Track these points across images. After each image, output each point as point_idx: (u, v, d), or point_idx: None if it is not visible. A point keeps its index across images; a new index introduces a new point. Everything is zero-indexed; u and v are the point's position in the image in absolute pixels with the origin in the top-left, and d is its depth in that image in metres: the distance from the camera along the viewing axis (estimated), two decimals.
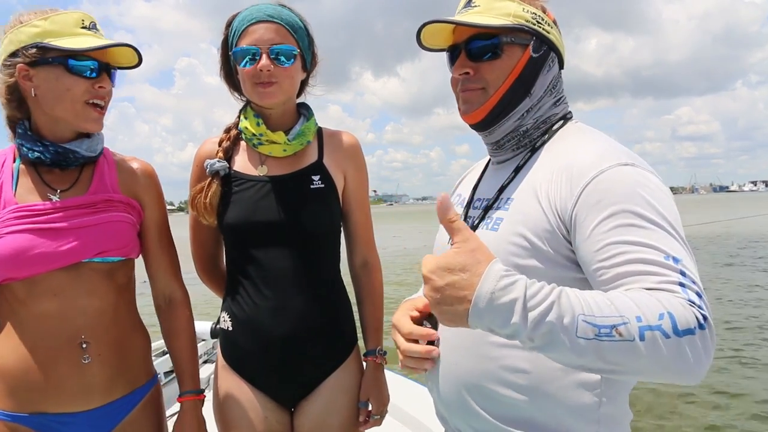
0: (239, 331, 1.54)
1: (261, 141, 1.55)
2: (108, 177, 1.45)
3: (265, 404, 1.54)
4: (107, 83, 1.38)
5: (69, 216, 1.35)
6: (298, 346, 1.51)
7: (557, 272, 1.02)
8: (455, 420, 1.21)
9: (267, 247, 1.51)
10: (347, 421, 1.58)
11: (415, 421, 2.69)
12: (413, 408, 2.73)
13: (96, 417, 1.38)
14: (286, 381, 1.55)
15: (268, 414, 1.54)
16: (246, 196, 1.52)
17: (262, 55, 1.44)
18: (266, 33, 1.45)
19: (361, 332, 1.71)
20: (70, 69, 1.32)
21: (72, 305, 1.34)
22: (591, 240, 0.95)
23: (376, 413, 1.59)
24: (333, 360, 1.58)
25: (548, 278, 0.96)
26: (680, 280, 0.85)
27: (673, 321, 0.80)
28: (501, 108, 1.19)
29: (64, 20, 1.33)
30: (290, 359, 1.52)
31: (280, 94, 1.48)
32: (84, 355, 1.34)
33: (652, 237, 0.90)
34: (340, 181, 1.60)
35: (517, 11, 1.16)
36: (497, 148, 1.26)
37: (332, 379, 1.57)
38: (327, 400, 1.56)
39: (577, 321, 0.80)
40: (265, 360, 1.52)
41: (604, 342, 0.79)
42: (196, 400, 1.54)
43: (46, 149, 1.36)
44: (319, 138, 1.64)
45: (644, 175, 0.98)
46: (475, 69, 1.19)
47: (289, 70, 1.47)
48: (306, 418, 1.56)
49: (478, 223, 1.19)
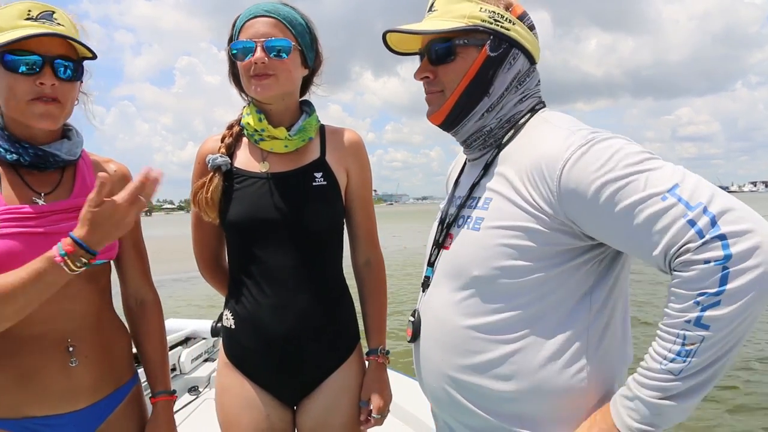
0: (241, 329, 1.54)
1: (262, 137, 1.54)
2: (89, 179, 1.42)
3: (267, 402, 1.54)
4: (48, 79, 1.25)
5: (56, 220, 1.32)
6: (300, 344, 1.51)
7: (534, 265, 1.06)
8: (444, 415, 1.23)
9: (269, 245, 1.50)
10: (349, 420, 1.57)
11: (415, 419, 2.70)
12: (413, 405, 2.74)
13: (82, 417, 1.37)
14: (287, 379, 1.55)
15: (270, 412, 1.54)
16: (248, 192, 1.52)
17: (257, 47, 1.44)
18: (262, 27, 1.45)
19: (364, 331, 1.70)
20: (5, 65, 1.24)
21: (57, 310, 1.32)
22: (601, 226, 1.00)
23: (378, 413, 1.59)
24: (335, 358, 1.58)
25: (524, 272, 1.06)
26: (688, 216, 0.89)
27: (707, 294, 0.88)
28: (459, 109, 1.21)
29: (9, 13, 1.25)
30: (292, 357, 1.52)
31: (275, 87, 1.48)
32: (71, 359, 1.33)
33: (639, 187, 0.94)
34: (342, 179, 1.60)
35: (473, 12, 1.17)
36: (467, 147, 1.29)
37: (334, 378, 1.57)
38: (329, 398, 1.55)
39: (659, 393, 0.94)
40: (266, 358, 1.52)
41: (695, 359, 0.90)
42: (169, 400, 1.55)
43: (26, 152, 1.31)
44: (322, 135, 1.63)
45: (602, 145, 1.00)
46: (434, 73, 1.22)
47: (285, 63, 1.46)
48: (308, 417, 1.56)
49: (455, 220, 1.22)
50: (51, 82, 1.26)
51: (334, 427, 1.55)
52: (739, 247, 0.86)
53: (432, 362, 1.20)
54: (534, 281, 1.06)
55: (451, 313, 1.16)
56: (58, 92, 1.28)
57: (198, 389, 3.43)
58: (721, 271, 0.86)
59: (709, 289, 0.87)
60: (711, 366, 0.91)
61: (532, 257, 1.05)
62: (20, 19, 1.25)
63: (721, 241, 0.87)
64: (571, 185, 1.00)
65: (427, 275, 1.27)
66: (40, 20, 1.26)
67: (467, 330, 1.12)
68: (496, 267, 1.08)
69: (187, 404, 3.22)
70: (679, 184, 0.92)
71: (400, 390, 2.93)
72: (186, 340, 3.76)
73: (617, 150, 0.98)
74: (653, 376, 0.94)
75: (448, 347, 1.15)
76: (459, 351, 1.13)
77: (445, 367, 1.16)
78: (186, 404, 3.21)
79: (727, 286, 0.86)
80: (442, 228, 1.27)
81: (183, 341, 3.73)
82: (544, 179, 1.03)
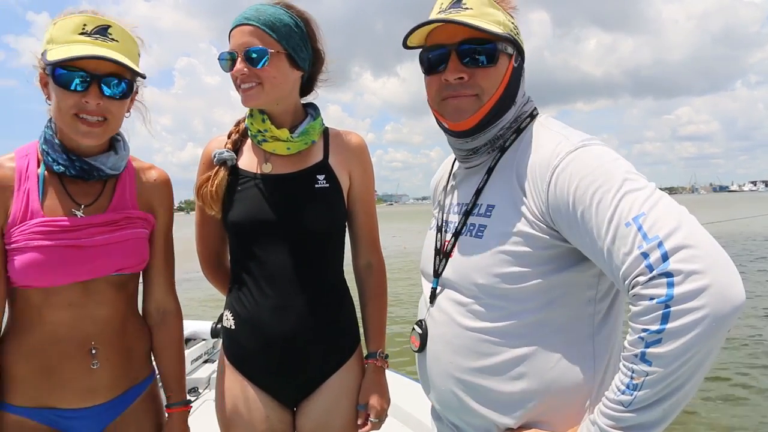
0: (241, 330, 1.54)
1: (265, 137, 1.54)
2: (129, 192, 1.47)
3: (267, 403, 1.54)
4: (93, 98, 1.28)
5: (92, 233, 1.36)
6: (299, 346, 1.51)
7: (539, 270, 1.06)
8: (451, 416, 1.23)
9: (270, 246, 1.50)
10: (349, 422, 1.57)
11: (414, 420, 2.70)
12: (413, 407, 2.73)
13: (99, 412, 1.41)
14: (287, 380, 1.55)
15: (269, 413, 1.54)
16: (251, 193, 1.52)
17: (238, 58, 1.44)
18: (242, 37, 1.44)
19: (364, 334, 1.70)
20: (55, 79, 1.28)
21: (84, 314, 1.37)
22: (575, 238, 1.01)
23: (376, 417, 1.58)
24: (335, 360, 1.58)
25: (530, 278, 1.06)
26: (642, 248, 0.89)
27: (649, 331, 0.87)
28: (491, 116, 1.19)
29: (65, 26, 1.28)
30: (291, 359, 1.52)
31: (261, 96, 1.47)
32: (93, 361, 1.38)
33: (608, 209, 0.94)
34: (345, 182, 1.59)
35: (505, 20, 1.17)
36: (472, 154, 1.25)
37: (334, 380, 1.57)
38: (328, 400, 1.55)
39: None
40: (266, 359, 1.52)
41: (640, 393, 0.90)
42: (184, 411, 1.58)
43: (72, 164, 1.35)
44: (325, 138, 1.63)
45: (587, 155, 1.02)
46: (469, 74, 1.16)
47: (267, 70, 1.44)
48: (308, 419, 1.56)
49: (461, 228, 1.21)
50: (96, 102, 1.29)
51: (333, 428, 1.55)
52: (683, 287, 0.84)
53: (440, 365, 1.20)
54: (536, 287, 1.07)
55: (458, 318, 1.16)
56: (103, 110, 1.31)
57: (198, 390, 3.43)
58: (663, 309, 0.86)
59: (651, 326, 0.87)
60: (660, 402, 0.90)
61: (530, 262, 1.06)
62: (75, 33, 1.27)
63: (666, 278, 0.86)
64: (557, 193, 1.01)
65: (434, 287, 1.26)
66: (93, 35, 1.28)
67: (475, 333, 1.13)
68: (497, 274, 1.09)
69: None
70: (645, 212, 0.91)
71: (398, 390, 2.93)
72: (186, 341, 3.76)
73: (600, 164, 0.99)
74: (609, 405, 0.95)
75: (457, 350, 1.15)
76: (468, 353, 1.13)
77: (454, 370, 1.16)
78: None
79: (667, 326, 0.85)
80: (443, 237, 1.26)
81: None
82: (537, 185, 1.06)
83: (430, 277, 1.28)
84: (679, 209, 0.92)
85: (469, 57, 1.15)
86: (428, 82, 1.24)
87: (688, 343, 0.84)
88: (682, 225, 0.89)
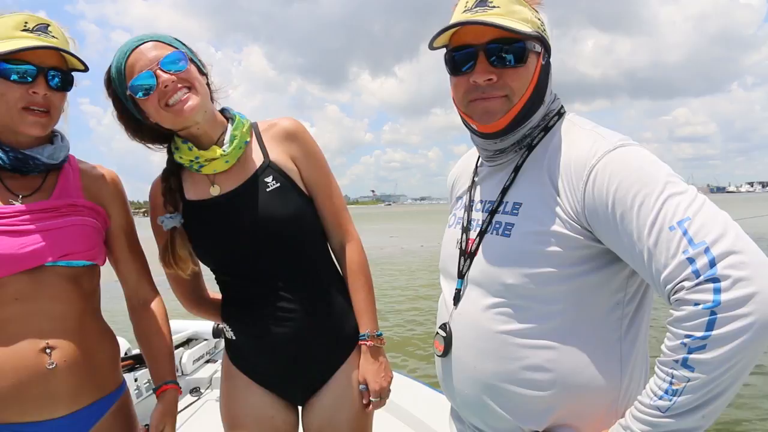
0: (242, 341, 1.54)
1: (201, 163, 1.47)
2: (72, 183, 1.43)
3: (272, 403, 1.54)
4: (41, 88, 1.29)
5: (32, 219, 1.32)
6: (301, 349, 1.51)
7: (569, 271, 1.05)
8: (475, 420, 1.21)
9: (249, 262, 1.48)
10: (355, 416, 1.56)
11: (419, 422, 2.68)
12: (418, 409, 2.73)
13: (62, 426, 1.33)
14: (292, 382, 1.55)
15: (274, 413, 1.54)
16: (210, 223, 1.48)
17: (156, 72, 1.35)
18: (148, 53, 1.36)
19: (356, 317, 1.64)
20: (1, 74, 1.27)
21: (35, 310, 1.30)
22: (612, 240, 1.00)
23: (376, 396, 1.55)
24: (337, 356, 1.57)
25: (559, 279, 1.04)
26: (688, 253, 0.87)
27: (693, 337, 0.86)
28: (522, 116, 1.15)
29: (6, 23, 1.29)
30: (295, 362, 1.52)
31: (197, 100, 1.38)
32: (49, 361, 1.29)
33: (651, 212, 0.92)
34: (294, 171, 1.53)
35: (532, 18, 1.13)
36: (499, 153, 1.21)
37: (339, 375, 1.56)
38: (335, 396, 1.55)
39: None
40: (269, 364, 1.52)
41: (680, 398, 0.89)
42: (175, 389, 1.52)
43: (6, 155, 1.33)
44: (257, 134, 1.55)
45: (628, 156, 1.00)
46: (498, 75, 1.12)
47: (189, 72, 1.39)
48: (315, 416, 1.55)
49: (486, 227, 1.18)
50: (44, 92, 1.30)
51: (340, 421, 1.54)
52: (731, 294, 0.83)
53: (466, 369, 1.18)
54: (566, 288, 1.05)
55: (485, 319, 1.13)
56: (49, 101, 1.32)
57: (200, 390, 3.43)
58: (709, 316, 0.84)
59: (695, 332, 0.86)
60: (700, 408, 0.89)
61: (559, 263, 1.04)
62: (17, 30, 1.29)
63: (713, 284, 0.85)
64: (595, 192, 0.99)
65: (458, 287, 1.23)
66: (35, 32, 1.30)
67: (502, 335, 1.10)
68: (526, 274, 1.07)
69: (188, 405, 3.21)
70: (690, 217, 0.89)
71: (404, 392, 2.93)
72: (188, 341, 3.76)
73: (641, 166, 0.97)
74: (643, 410, 0.94)
75: (483, 353, 1.13)
76: (494, 357, 1.11)
77: (480, 374, 1.14)
78: (188, 405, 3.20)
79: (713, 332, 0.84)
80: (467, 235, 1.23)
81: (185, 342, 3.73)
82: (572, 184, 1.03)
83: (454, 277, 1.24)
84: (723, 214, 0.90)
85: (497, 57, 1.11)
86: (455, 83, 1.19)
87: (733, 350, 0.83)
88: (728, 231, 0.87)
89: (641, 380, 1.10)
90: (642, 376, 1.10)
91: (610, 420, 1.04)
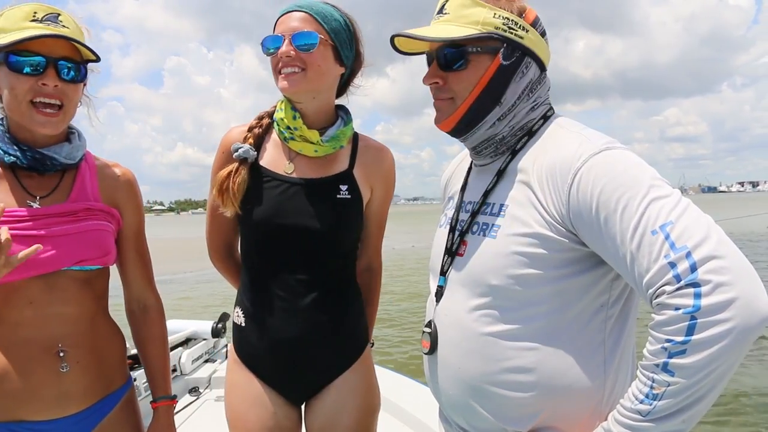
0: (251, 329, 1.54)
1: (293, 135, 1.50)
2: (89, 184, 1.41)
3: (275, 400, 1.54)
4: (51, 80, 1.25)
5: (49, 224, 1.30)
6: (308, 348, 1.51)
7: (554, 273, 1.05)
8: (460, 420, 1.22)
9: (285, 250, 1.49)
10: (356, 423, 1.56)
11: (415, 420, 2.69)
12: (413, 407, 2.74)
13: (73, 423, 1.35)
14: (295, 380, 1.55)
15: (277, 410, 1.54)
16: (271, 194, 1.49)
17: (285, 41, 1.41)
18: (291, 21, 1.43)
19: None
20: (9, 66, 1.24)
21: (48, 313, 1.30)
22: (596, 243, 1.00)
23: None
24: (342, 362, 1.58)
25: (544, 281, 1.04)
26: (670, 258, 0.87)
27: (673, 341, 0.87)
28: (469, 118, 1.17)
29: (14, 15, 1.26)
30: (299, 361, 1.52)
31: (303, 82, 1.43)
32: (62, 364, 1.31)
33: (635, 215, 0.92)
34: (366, 194, 1.57)
35: (486, 18, 1.13)
36: (476, 154, 1.25)
37: (342, 380, 1.56)
38: (338, 399, 1.55)
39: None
40: (274, 359, 1.52)
41: (660, 402, 0.89)
42: (170, 405, 1.54)
43: (23, 154, 1.31)
44: (354, 145, 1.59)
45: (612, 158, 1.00)
46: (444, 79, 1.18)
47: (313, 56, 1.41)
48: (317, 416, 1.56)
49: (466, 228, 1.20)
50: (54, 83, 1.26)
51: (343, 426, 1.55)
52: (711, 298, 0.84)
53: (450, 369, 1.18)
54: (550, 291, 1.05)
55: (469, 320, 1.13)
56: (60, 93, 1.28)
57: (198, 390, 3.41)
58: (689, 321, 0.85)
59: (676, 336, 0.86)
60: (681, 412, 0.89)
61: (545, 265, 1.04)
62: (26, 20, 1.25)
63: (694, 288, 0.85)
64: (579, 196, 0.99)
65: (440, 284, 1.24)
66: (45, 22, 1.26)
67: (486, 337, 1.10)
68: (511, 275, 1.07)
69: (187, 405, 3.19)
70: (673, 221, 0.89)
71: (399, 390, 2.92)
72: (186, 341, 3.75)
73: (625, 169, 0.97)
74: (625, 414, 0.94)
75: (467, 354, 1.13)
76: (478, 358, 1.11)
77: (464, 375, 1.14)
78: (186, 405, 3.19)
79: (693, 337, 0.85)
80: (454, 235, 1.24)
81: (183, 342, 3.72)
82: (557, 187, 1.03)
83: (437, 274, 1.26)
84: (706, 219, 0.90)
85: (444, 62, 1.17)
86: None
87: (713, 355, 0.84)
88: (710, 235, 0.87)
89: (626, 383, 1.09)
90: (627, 378, 1.10)
91: (594, 422, 1.04)
